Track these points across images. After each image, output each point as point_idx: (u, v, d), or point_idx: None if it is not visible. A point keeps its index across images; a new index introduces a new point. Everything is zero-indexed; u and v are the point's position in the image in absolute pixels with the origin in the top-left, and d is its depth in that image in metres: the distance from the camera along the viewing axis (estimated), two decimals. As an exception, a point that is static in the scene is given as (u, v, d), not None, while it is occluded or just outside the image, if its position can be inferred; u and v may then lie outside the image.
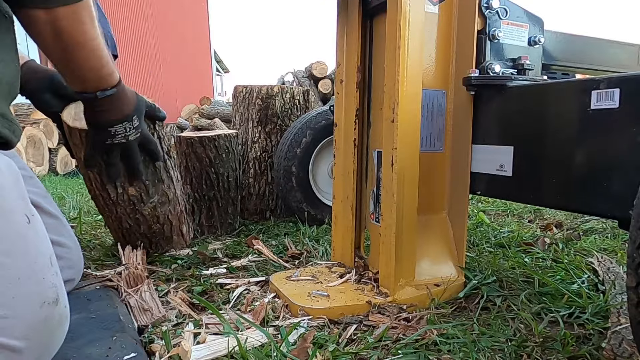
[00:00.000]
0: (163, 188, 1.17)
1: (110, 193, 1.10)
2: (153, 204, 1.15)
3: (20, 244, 0.56)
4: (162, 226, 1.21)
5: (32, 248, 0.58)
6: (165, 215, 1.20)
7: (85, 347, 0.70)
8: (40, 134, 3.56)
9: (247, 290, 1.00)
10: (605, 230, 1.55)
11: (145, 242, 1.20)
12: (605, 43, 1.16)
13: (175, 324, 0.83)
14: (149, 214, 1.16)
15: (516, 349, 0.74)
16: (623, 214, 0.67)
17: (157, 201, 1.16)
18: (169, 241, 1.26)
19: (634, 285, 0.52)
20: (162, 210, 1.18)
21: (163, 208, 1.18)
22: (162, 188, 1.17)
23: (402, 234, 0.90)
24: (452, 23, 0.96)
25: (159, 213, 1.18)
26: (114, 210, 1.13)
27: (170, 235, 1.25)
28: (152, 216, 1.17)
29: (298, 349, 0.72)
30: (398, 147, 0.87)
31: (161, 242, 1.24)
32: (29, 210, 0.60)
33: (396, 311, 0.87)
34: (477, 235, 1.48)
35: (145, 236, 1.20)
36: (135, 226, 1.17)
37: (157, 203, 1.16)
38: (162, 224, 1.20)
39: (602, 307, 0.87)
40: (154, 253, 1.24)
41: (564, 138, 0.78)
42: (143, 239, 1.20)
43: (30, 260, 0.57)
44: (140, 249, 1.15)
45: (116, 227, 1.19)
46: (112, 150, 0.99)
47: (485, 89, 0.92)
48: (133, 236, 1.19)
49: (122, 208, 1.13)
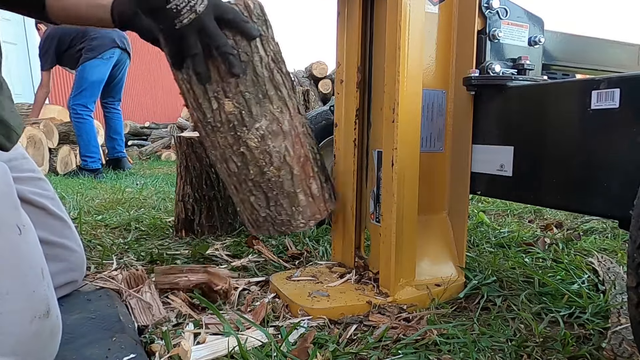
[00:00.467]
0: (272, 110, 0.88)
1: (206, 112, 0.86)
2: (260, 131, 0.87)
3: (11, 258, 0.54)
4: (278, 171, 0.90)
5: (22, 261, 0.56)
6: (281, 154, 0.90)
7: (85, 348, 0.70)
8: (40, 134, 3.56)
9: (247, 291, 1.00)
10: (605, 231, 1.55)
11: (262, 205, 0.92)
12: (605, 43, 1.16)
13: (175, 324, 0.83)
14: (257, 147, 0.88)
15: (516, 349, 0.74)
16: (623, 214, 0.67)
17: (266, 129, 0.88)
18: (293, 202, 0.92)
19: (635, 286, 0.52)
20: (274, 144, 0.89)
21: (276, 141, 0.89)
22: (270, 109, 0.88)
23: (402, 234, 0.90)
24: (452, 23, 0.96)
25: (271, 149, 0.89)
26: (217, 142, 0.89)
27: (293, 191, 0.92)
28: (262, 152, 0.89)
29: (298, 349, 0.72)
30: (398, 147, 0.87)
31: (282, 202, 0.92)
32: (20, 220, 0.58)
33: (396, 311, 0.87)
34: (477, 235, 1.48)
35: (261, 189, 0.91)
36: (244, 168, 0.90)
37: (265, 131, 0.88)
38: (278, 167, 0.90)
39: (603, 307, 0.87)
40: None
41: (564, 138, 0.78)
42: (258, 195, 0.91)
43: (21, 274, 0.55)
44: (256, 226, 0.96)
45: (226, 176, 0.94)
46: (187, 34, 0.76)
47: (485, 89, 0.92)
48: (244, 195, 0.93)
49: (223, 136, 0.88)
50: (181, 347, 0.70)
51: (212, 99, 0.85)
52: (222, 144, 0.88)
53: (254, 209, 0.93)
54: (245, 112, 0.86)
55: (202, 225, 1.47)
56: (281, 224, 0.93)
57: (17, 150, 0.85)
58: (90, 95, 3.46)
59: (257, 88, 0.87)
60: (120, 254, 1.28)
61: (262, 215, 0.93)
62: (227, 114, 0.86)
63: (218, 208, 1.48)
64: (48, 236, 0.86)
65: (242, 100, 0.86)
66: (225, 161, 0.90)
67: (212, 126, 0.87)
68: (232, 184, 0.93)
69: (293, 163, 0.92)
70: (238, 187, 0.93)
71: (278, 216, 0.93)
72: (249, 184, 0.91)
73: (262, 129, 0.88)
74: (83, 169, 3.47)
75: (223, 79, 0.84)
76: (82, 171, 3.46)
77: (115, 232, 1.56)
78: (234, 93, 0.85)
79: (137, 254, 1.27)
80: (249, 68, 0.85)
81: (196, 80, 0.83)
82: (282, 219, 0.93)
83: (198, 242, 1.40)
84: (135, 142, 6.20)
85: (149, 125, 6.75)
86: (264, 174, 0.90)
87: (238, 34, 0.82)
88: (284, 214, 0.93)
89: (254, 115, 0.87)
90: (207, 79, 0.83)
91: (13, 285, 0.54)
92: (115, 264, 1.17)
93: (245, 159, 0.89)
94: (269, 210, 0.92)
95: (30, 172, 0.89)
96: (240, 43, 0.83)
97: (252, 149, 0.88)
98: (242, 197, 0.93)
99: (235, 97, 0.85)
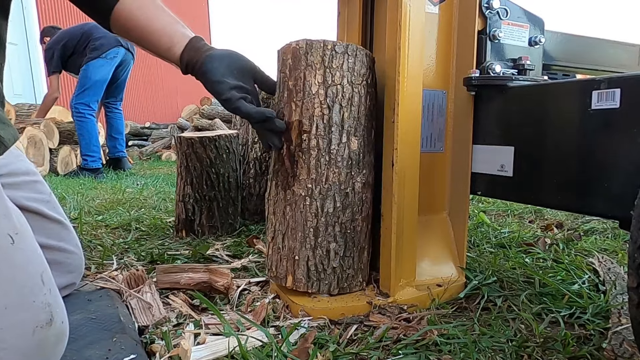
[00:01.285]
0: (371, 162, 0.92)
1: (333, 141, 0.86)
2: (364, 178, 0.90)
3: (5, 271, 0.53)
4: (362, 222, 0.92)
5: (18, 272, 0.55)
6: (368, 205, 0.93)
7: (85, 349, 0.70)
8: (40, 134, 3.56)
9: (247, 291, 1.00)
10: (606, 231, 1.55)
11: (339, 253, 0.89)
12: (605, 43, 1.16)
13: (175, 325, 0.83)
14: (359, 191, 0.90)
15: (517, 349, 0.73)
16: (624, 214, 0.67)
17: (367, 177, 0.91)
18: (361, 257, 0.93)
19: (635, 286, 0.52)
20: (367, 194, 0.91)
21: (368, 192, 0.92)
22: (371, 161, 0.92)
23: (403, 235, 0.90)
24: (452, 23, 0.96)
25: (364, 198, 0.91)
26: (325, 176, 0.88)
27: (364, 246, 0.93)
28: (360, 198, 0.90)
29: (299, 349, 0.72)
30: (398, 147, 0.87)
31: (354, 255, 0.91)
32: (12, 228, 0.56)
33: (397, 311, 0.87)
34: (477, 235, 1.48)
35: (344, 237, 0.89)
36: (340, 210, 0.88)
37: (366, 180, 0.91)
38: (364, 218, 0.92)
39: (603, 308, 0.87)
40: (160, 258, 1.22)
41: (565, 138, 0.78)
42: (340, 242, 0.89)
43: (18, 286, 0.54)
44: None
45: (310, 217, 0.88)
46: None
47: (485, 89, 0.92)
48: (324, 239, 0.89)
49: (337, 171, 0.88)
50: (181, 347, 0.70)
51: (344, 132, 0.87)
52: (332, 179, 0.87)
53: (326, 258, 0.89)
54: (361, 155, 0.89)
55: (203, 225, 1.47)
56: (346, 278, 0.91)
57: (11, 151, 0.84)
58: (94, 94, 3.46)
59: (370, 139, 0.91)
60: (120, 254, 1.28)
61: (333, 266, 0.89)
62: (351, 151, 0.88)
63: (218, 208, 1.48)
64: (45, 240, 0.84)
65: (363, 144, 0.89)
66: (323, 199, 0.87)
67: (331, 158, 0.87)
68: (313, 227, 0.88)
69: (370, 216, 0.94)
70: (321, 231, 0.88)
71: (347, 269, 0.91)
72: (336, 228, 0.88)
73: (365, 176, 0.91)
74: (83, 168, 3.47)
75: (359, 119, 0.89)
76: (83, 171, 3.46)
77: (115, 233, 1.56)
78: (360, 134, 0.89)
79: (138, 254, 1.27)
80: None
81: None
82: (348, 273, 0.91)
83: (198, 242, 1.40)
84: (135, 142, 6.20)
85: (149, 125, 6.76)
86: (354, 220, 0.90)
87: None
88: (351, 268, 0.92)
89: (365, 161, 0.90)
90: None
91: (11, 299, 0.52)
92: (115, 264, 1.17)
93: (347, 200, 0.89)
94: (342, 261, 0.90)
95: (24, 174, 0.87)
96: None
97: (356, 192, 0.89)
98: (318, 243, 0.88)
99: (360, 139, 0.89)
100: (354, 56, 0.86)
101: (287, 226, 0.90)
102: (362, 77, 0.88)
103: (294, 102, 0.87)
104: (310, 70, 0.85)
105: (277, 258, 0.92)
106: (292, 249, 0.89)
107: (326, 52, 0.85)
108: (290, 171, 0.88)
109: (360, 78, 0.88)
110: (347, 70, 0.86)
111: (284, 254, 0.90)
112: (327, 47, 0.85)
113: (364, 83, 0.88)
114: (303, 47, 0.85)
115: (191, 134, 1.48)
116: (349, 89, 0.86)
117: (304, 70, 0.85)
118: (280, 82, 0.90)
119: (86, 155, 3.46)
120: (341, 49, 0.85)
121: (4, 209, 0.56)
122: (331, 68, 0.85)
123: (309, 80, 0.85)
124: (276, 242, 0.92)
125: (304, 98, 0.86)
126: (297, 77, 0.86)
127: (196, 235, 1.47)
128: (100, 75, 3.46)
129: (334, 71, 0.85)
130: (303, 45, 0.85)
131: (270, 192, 0.95)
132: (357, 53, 0.87)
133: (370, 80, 0.90)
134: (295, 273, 0.89)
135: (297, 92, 0.86)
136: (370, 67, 0.90)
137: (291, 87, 0.87)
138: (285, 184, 0.90)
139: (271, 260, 0.94)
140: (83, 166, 3.49)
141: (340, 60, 0.85)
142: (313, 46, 0.85)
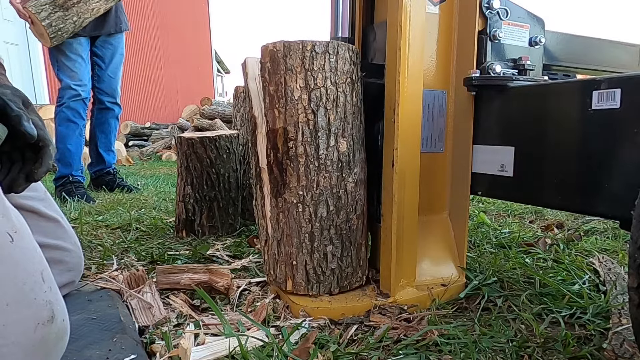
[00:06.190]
0: (363, 158, 0.92)
1: (320, 146, 0.85)
2: (355, 177, 0.89)
3: (5, 269, 0.53)
4: (357, 220, 0.92)
5: (18, 270, 0.55)
6: (362, 203, 0.92)
7: (85, 349, 0.70)
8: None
9: (247, 291, 1.00)
10: (606, 231, 1.55)
11: (336, 255, 0.90)
12: (606, 43, 1.15)
13: (176, 325, 0.83)
14: (352, 191, 0.90)
15: (517, 349, 0.73)
16: (624, 215, 0.66)
17: (358, 176, 0.90)
18: (359, 253, 0.93)
19: (636, 286, 0.52)
20: (360, 192, 0.91)
21: (361, 190, 0.92)
22: (363, 157, 0.92)
23: (403, 235, 0.90)
24: (452, 23, 0.96)
25: (358, 196, 0.91)
26: (316, 182, 0.86)
27: (361, 242, 0.93)
28: (353, 198, 0.90)
29: (299, 349, 0.72)
30: (399, 148, 0.87)
31: (352, 254, 0.92)
32: (11, 226, 0.56)
33: (397, 312, 0.87)
34: (478, 235, 1.48)
35: (341, 238, 0.90)
36: (334, 213, 0.88)
37: (358, 178, 0.90)
38: (359, 216, 0.92)
39: (603, 308, 0.87)
40: (160, 259, 1.22)
41: (565, 138, 0.78)
42: (337, 244, 0.89)
43: (18, 283, 0.54)
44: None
45: (304, 223, 0.88)
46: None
47: (486, 89, 0.91)
48: (320, 243, 0.89)
49: (328, 175, 0.87)
50: (181, 347, 0.70)
51: (332, 136, 0.85)
52: (323, 184, 0.86)
53: (324, 261, 0.89)
54: (351, 155, 0.88)
55: (203, 225, 1.47)
56: (345, 277, 0.91)
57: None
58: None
59: (360, 135, 0.90)
60: (120, 255, 1.28)
61: (331, 267, 0.89)
62: (340, 153, 0.86)
63: (219, 208, 1.48)
64: (41, 239, 0.84)
65: (352, 143, 0.88)
66: (316, 205, 0.86)
67: (320, 163, 0.86)
68: (308, 232, 0.87)
69: (365, 213, 0.94)
70: (317, 235, 0.87)
71: (345, 268, 0.91)
72: (331, 231, 0.88)
73: (356, 174, 0.89)
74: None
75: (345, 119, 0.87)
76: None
77: (115, 233, 1.56)
78: (348, 134, 0.87)
79: (138, 255, 1.27)
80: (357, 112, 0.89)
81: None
82: (347, 272, 0.91)
83: (199, 242, 1.40)
84: (136, 143, 6.20)
85: (149, 125, 6.76)
86: (349, 220, 0.90)
87: None
88: (350, 266, 0.92)
89: (355, 159, 0.89)
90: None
91: (12, 296, 0.53)
92: (115, 264, 1.17)
93: (340, 203, 0.88)
94: (340, 262, 0.90)
95: None
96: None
97: (349, 193, 0.89)
98: (315, 247, 0.88)
99: (349, 139, 0.87)
100: (336, 54, 0.83)
101: (281, 233, 0.89)
102: (346, 74, 0.85)
103: (277, 109, 0.84)
104: (291, 75, 0.82)
105: (274, 263, 0.92)
106: (289, 255, 0.89)
107: (306, 54, 0.82)
108: (280, 179, 0.87)
109: (344, 76, 0.85)
110: (330, 71, 0.83)
111: (282, 259, 0.90)
112: (306, 48, 0.82)
113: (349, 80, 0.86)
114: (281, 50, 0.82)
115: (191, 134, 1.48)
116: (333, 90, 0.84)
117: (284, 74, 0.83)
118: (261, 87, 0.87)
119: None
120: (321, 48, 0.82)
121: (2, 208, 0.56)
122: (312, 71, 0.82)
123: (290, 85, 0.83)
124: (271, 248, 0.92)
125: (286, 104, 0.83)
126: (277, 82, 0.84)
127: (196, 236, 1.47)
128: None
129: (316, 73, 0.82)
130: (280, 47, 0.82)
131: (257, 197, 0.94)
132: (339, 50, 0.84)
133: (355, 76, 0.87)
134: (295, 277, 0.89)
135: (279, 98, 0.84)
136: (354, 62, 0.87)
137: (272, 93, 0.85)
138: (275, 192, 0.88)
139: (268, 264, 0.94)
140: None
141: (322, 60, 0.82)
142: (291, 48, 0.82)
